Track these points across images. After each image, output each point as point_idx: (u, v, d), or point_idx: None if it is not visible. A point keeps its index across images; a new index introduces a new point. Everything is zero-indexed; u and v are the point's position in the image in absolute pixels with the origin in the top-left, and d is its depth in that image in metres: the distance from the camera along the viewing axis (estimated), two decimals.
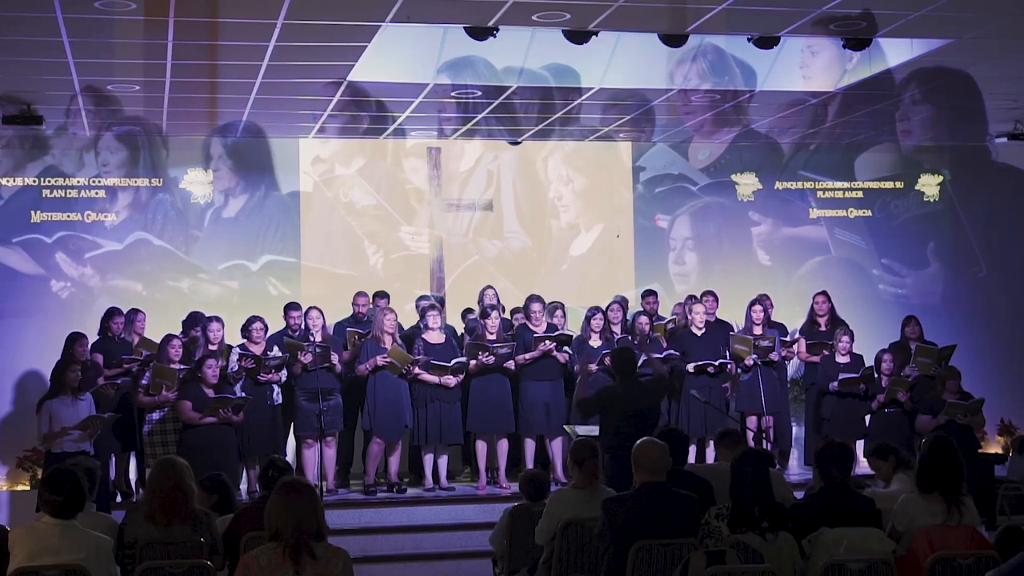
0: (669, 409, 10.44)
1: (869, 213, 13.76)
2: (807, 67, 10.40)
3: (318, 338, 10.18)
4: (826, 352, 10.99)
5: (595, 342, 10.63)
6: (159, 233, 12.37)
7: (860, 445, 10.67)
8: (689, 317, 11.06)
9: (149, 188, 12.34)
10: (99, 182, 12.24)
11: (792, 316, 12.08)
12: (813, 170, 13.68)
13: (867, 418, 10.69)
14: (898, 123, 12.42)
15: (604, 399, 8.44)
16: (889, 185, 13.87)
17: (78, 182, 12.19)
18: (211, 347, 10.16)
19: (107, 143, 12.19)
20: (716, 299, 11.32)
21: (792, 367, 11.76)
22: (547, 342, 10.40)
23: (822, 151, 13.62)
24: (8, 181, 12.08)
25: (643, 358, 9.51)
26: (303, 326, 10.39)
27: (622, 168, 13.41)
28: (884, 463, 7.35)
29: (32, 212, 12.08)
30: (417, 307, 11.24)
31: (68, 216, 12.15)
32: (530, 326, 10.68)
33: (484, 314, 10.60)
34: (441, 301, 12.02)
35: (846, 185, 13.77)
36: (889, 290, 13.78)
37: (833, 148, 13.60)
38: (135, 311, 10.93)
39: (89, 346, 10.18)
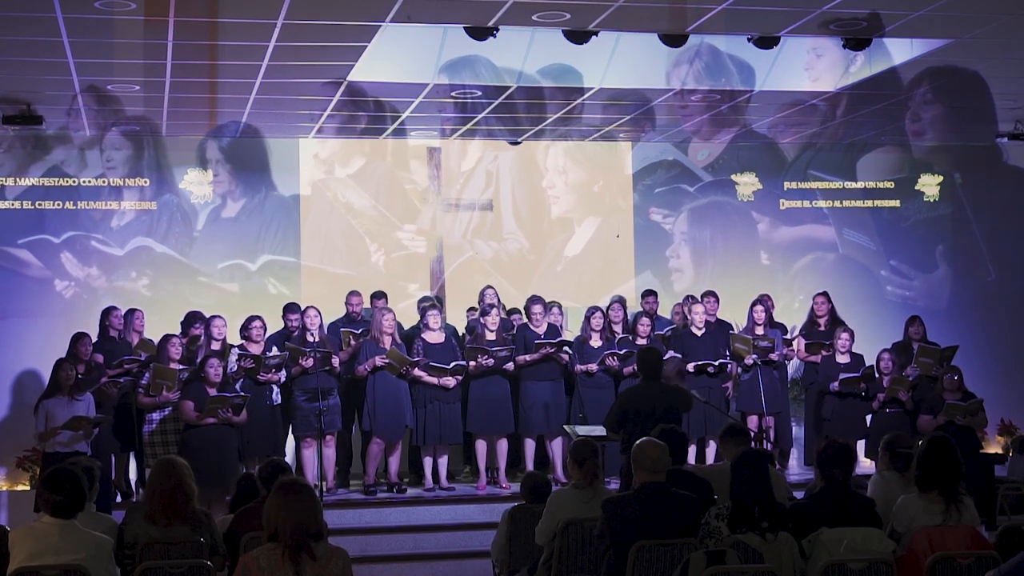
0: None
1: (877, 205, 13.72)
2: (808, 67, 10.39)
3: (316, 337, 10.18)
4: (825, 352, 10.97)
5: (595, 342, 10.63)
6: (161, 234, 12.36)
7: (861, 445, 10.69)
8: (689, 317, 11.05)
9: (150, 188, 12.34)
10: (101, 183, 12.24)
11: (794, 315, 12.06)
12: (820, 169, 13.65)
13: (868, 418, 10.68)
14: (908, 123, 12.37)
15: (625, 400, 8.45)
16: (898, 186, 13.84)
17: (80, 183, 12.18)
18: (214, 345, 10.16)
19: (107, 143, 12.19)
20: (716, 299, 11.32)
21: (792, 367, 11.75)
22: (548, 347, 10.39)
23: (827, 151, 13.58)
24: (11, 181, 12.08)
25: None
26: (301, 327, 10.39)
27: (622, 167, 13.40)
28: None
29: (36, 212, 12.08)
30: (418, 307, 11.24)
31: (73, 215, 12.14)
32: (531, 327, 10.68)
33: (484, 312, 10.60)
34: (440, 300, 12.01)
35: (853, 185, 13.74)
36: (896, 291, 13.72)
37: (837, 148, 13.56)
38: (133, 310, 10.93)
39: (91, 346, 10.20)
